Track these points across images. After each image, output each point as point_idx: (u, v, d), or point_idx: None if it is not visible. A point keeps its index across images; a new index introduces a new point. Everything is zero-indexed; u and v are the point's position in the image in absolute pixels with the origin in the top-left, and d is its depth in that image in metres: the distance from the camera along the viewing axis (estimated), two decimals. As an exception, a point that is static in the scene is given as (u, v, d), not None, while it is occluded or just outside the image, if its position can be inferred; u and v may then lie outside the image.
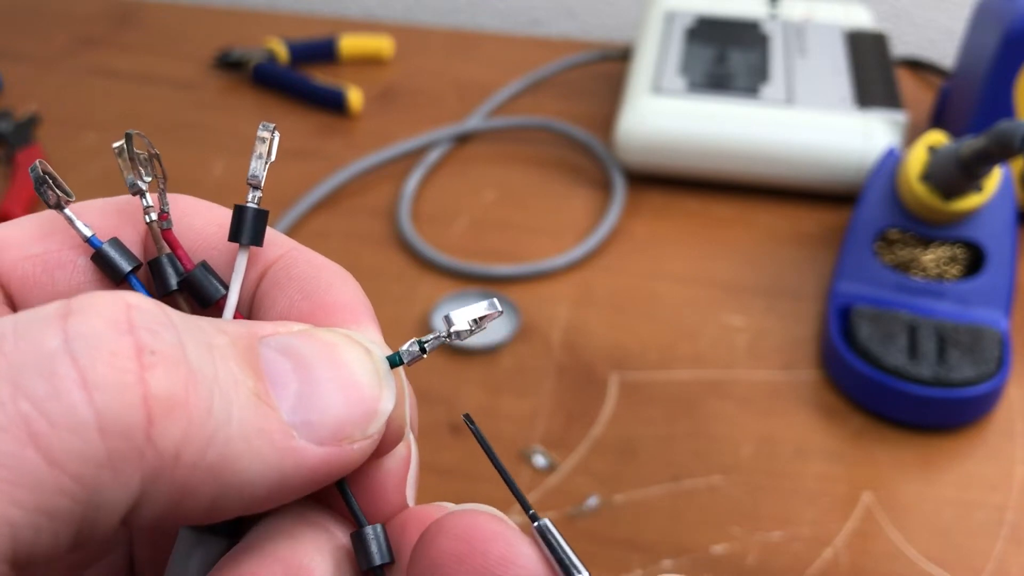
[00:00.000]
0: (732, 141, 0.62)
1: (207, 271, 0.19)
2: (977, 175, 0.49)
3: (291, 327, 0.18)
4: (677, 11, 0.74)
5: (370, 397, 0.17)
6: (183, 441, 0.15)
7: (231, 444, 0.15)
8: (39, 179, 0.18)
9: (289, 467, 0.16)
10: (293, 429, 0.16)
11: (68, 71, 0.78)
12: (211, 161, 0.67)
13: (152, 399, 0.14)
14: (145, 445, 0.14)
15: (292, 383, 0.17)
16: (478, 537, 0.17)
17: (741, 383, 0.51)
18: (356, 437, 0.17)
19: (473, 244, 0.60)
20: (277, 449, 0.16)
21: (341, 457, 0.17)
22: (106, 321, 0.15)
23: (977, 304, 0.51)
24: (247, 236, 0.19)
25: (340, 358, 0.17)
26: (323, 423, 0.17)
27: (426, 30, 0.86)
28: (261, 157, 0.19)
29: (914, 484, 0.46)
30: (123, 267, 0.19)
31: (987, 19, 0.59)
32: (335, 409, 0.17)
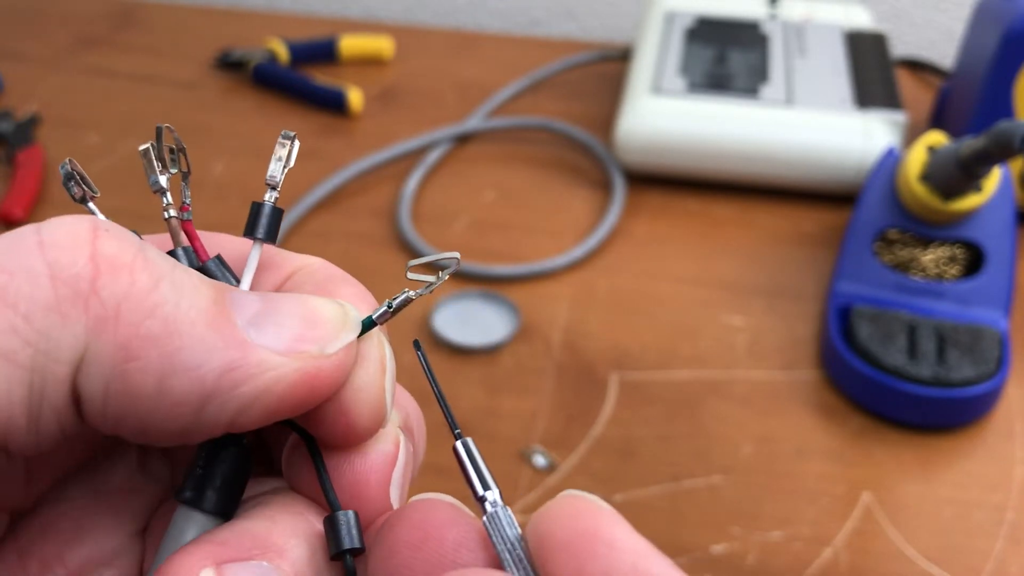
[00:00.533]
0: (732, 141, 0.62)
1: (221, 264, 0.20)
2: (976, 175, 0.49)
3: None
4: (677, 11, 0.74)
5: (329, 322, 0.18)
6: (124, 298, 0.16)
7: (175, 322, 0.16)
8: (68, 175, 0.20)
9: (237, 358, 0.17)
10: (245, 329, 0.17)
11: (69, 71, 0.78)
12: (211, 161, 0.67)
13: (99, 257, 0.16)
14: (89, 294, 0.16)
15: (254, 304, 0.18)
16: (434, 524, 0.18)
17: (741, 383, 0.51)
18: (312, 352, 0.17)
19: (473, 244, 0.60)
20: (224, 337, 0.17)
21: (295, 368, 0.17)
22: (74, 218, 0.17)
23: (976, 304, 0.51)
24: (262, 231, 0.20)
25: (308, 301, 0.18)
26: (276, 333, 0.17)
27: (426, 30, 0.86)
28: (280, 160, 0.20)
29: (914, 484, 0.46)
30: None
31: (987, 19, 0.60)
32: (290, 324, 0.18)
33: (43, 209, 0.63)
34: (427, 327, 0.53)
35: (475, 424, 0.48)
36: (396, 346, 0.20)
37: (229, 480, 0.19)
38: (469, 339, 0.53)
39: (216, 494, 0.19)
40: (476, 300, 0.56)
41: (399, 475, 0.20)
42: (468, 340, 0.52)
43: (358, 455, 0.19)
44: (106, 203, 0.20)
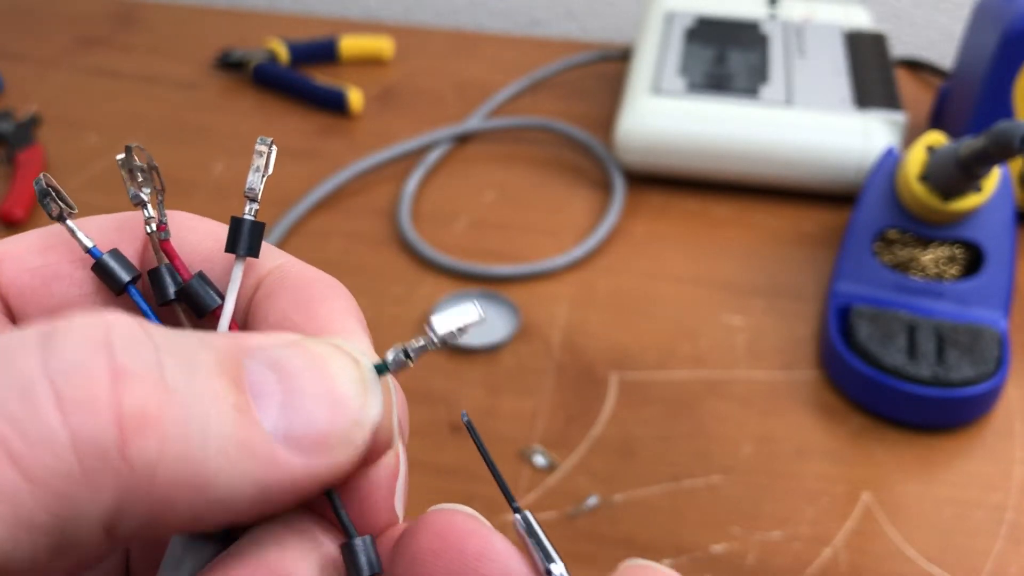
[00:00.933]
0: (732, 142, 0.62)
1: (204, 281, 0.20)
2: (976, 175, 0.49)
3: (280, 338, 0.18)
4: (677, 11, 0.74)
5: (355, 406, 0.17)
6: (158, 458, 0.15)
7: (209, 459, 0.15)
8: (43, 191, 0.19)
9: (271, 479, 0.16)
10: (275, 441, 0.16)
11: (69, 71, 0.78)
12: (211, 161, 0.67)
13: (125, 418, 0.15)
14: (119, 462, 0.15)
15: (276, 395, 0.17)
16: (455, 534, 0.18)
17: (741, 383, 0.51)
18: (341, 447, 0.17)
19: (473, 244, 0.60)
20: (258, 461, 0.16)
21: (326, 467, 0.17)
22: (84, 342, 0.15)
23: (976, 304, 0.51)
24: (243, 247, 0.19)
25: (325, 369, 0.17)
26: (306, 433, 0.17)
27: (426, 30, 0.86)
28: (259, 170, 0.20)
29: (913, 484, 0.46)
30: (123, 277, 0.19)
31: (986, 19, 0.60)
32: (318, 419, 0.17)
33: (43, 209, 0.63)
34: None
35: (475, 424, 0.48)
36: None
37: None
38: (469, 339, 0.53)
39: None
40: (473, 300, 0.56)
41: (401, 485, 0.20)
42: (468, 340, 0.52)
43: (363, 475, 0.19)
44: (106, 203, 0.20)
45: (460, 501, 0.21)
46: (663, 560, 0.42)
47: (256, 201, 0.20)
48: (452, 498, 0.44)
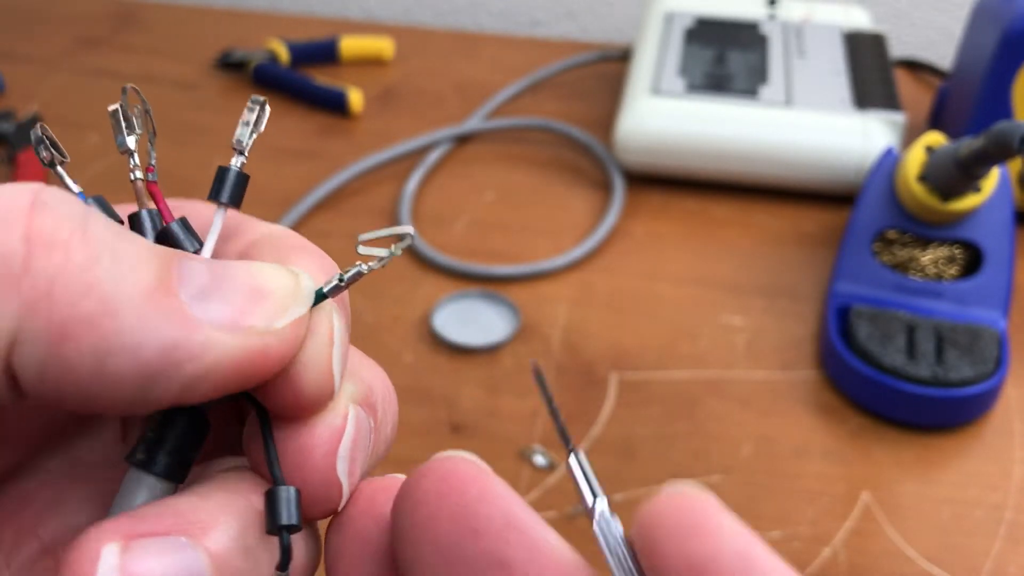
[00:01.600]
0: (731, 142, 0.62)
1: (185, 226, 0.20)
2: (975, 176, 0.49)
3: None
4: (676, 12, 0.74)
5: (279, 294, 0.17)
6: (57, 275, 0.15)
7: (113, 300, 0.16)
8: (38, 139, 0.19)
9: (180, 337, 0.16)
10: (189, 307, 0.16)
11: (69, 72, 0.78)
12: (211, 161, 0.67)
13: (34, 233, 0.15)
14: (22, 274, 0.15)
15: (201, 276, 0.17)
16: (457, 478, 0.18)
17: (740, 383, 0.51)
18: (258, 328, 0.17)
19: (473, 244, 0.60)
20: (166, 315, 0.16)
21: (236, 348, 0.17)
22: (16, 186, 0.16)
23: (975, 304, 0.51)
24: (226, 195, 0.20)
25: (259, 269, 0.18)
26: (222, 308, 0.17)
27: (426, 31, 0.86)
28: (248, 124, 0.20)
29: (913, 484, 0.46)
30: None
31: (985, 20, 0.60)
32: (238, 298, 0.17)
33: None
34: (427, 327, 0.54)
35: (475, 424, 0.48)
36: (398, 346, 0.20)
37: (181, 445, 0.19)
38: (469, 339, 0.53)
39: (167, 458, 0.18)
40: (476, 300, 0.56)
41: (347, 448, 0.19)
42: (468, 340, 0.52)
43: (304, 428, 0.19)
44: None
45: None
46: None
47: (243, 154, 0.20)
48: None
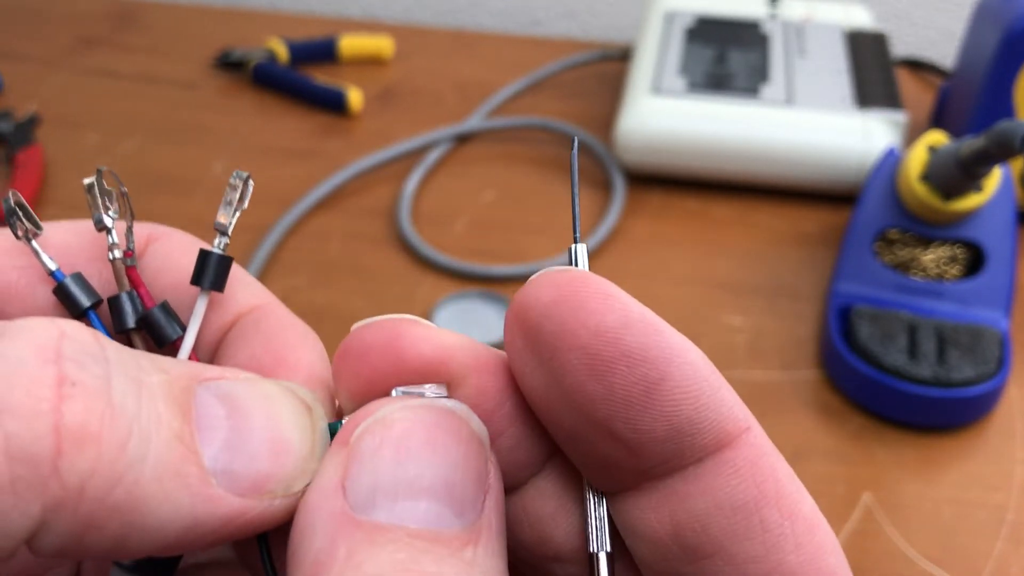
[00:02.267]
0: (732, 141, 0.62)
1: (166, 312, 0.20)
2: (977, 175, 0.49)
3: (236, 372, 0.18)
4: (677, 11, 0.74)
5: (298, 454, 0.17)
6: (90, 475, 0.14)
7: (142, 484, 0.15)
8: (9, 210, 0.19)
9: (203, 514, 0.16)
10: (212, 476, 0.16)
11: (69, 71, 0.78)
12: (211, 161, 0.67)
13: (63, 429, 0.14)
14: (50, 475, 0.14)
15: (222, 429, 0.16)
16: (577, 281, 0.18)
17: (741, 383, 0.51)
18: (278, 493, 0.17)
19: (473, 244, 0.60)
20: (192, 495, 0.16)
21: (260, 511, 0.17)
22: (34, 347, 0.15)
23: (977, 304, 0.51)
24: (208, 281, 0.19)
25: (275, 410, 0.17)
26: (245, 474, 0.16)
27: (426, 30, 0.86)
28: (231, 204, 0.20)
29: (914, 484, 0.46)
30: (82, 303, 0.19)
31: (987, 19, 0.59)
32: (259, 461, 0.17)
33: (44, 210, 0.63)
34: (427, 327, 0.53)
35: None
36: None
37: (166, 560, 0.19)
38: (469, 339, 0.52)
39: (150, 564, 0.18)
40: (476, 300, 0.56)
41: None
42: (468, 340, 0.52)
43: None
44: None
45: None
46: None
47: (226, 235, 0.20)
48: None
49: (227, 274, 0.20)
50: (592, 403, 0.17)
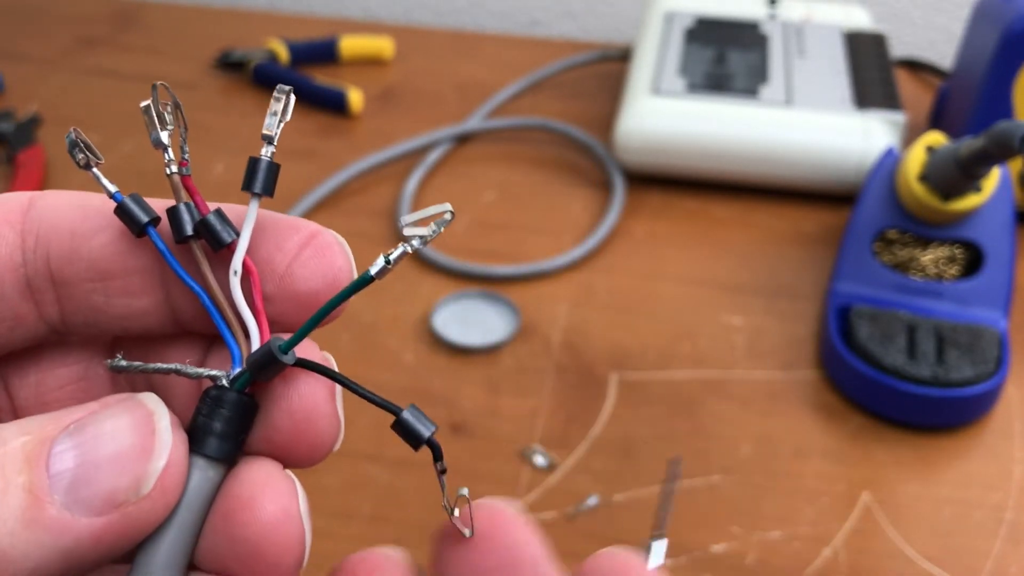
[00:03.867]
0: (731, 142, 0.62)
1: (221, 217, 0.20)
2: (976, 175, 0.49)
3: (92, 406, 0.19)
4: (676, 12, 0.74)
5: (137, 459, 0.18)
6: None
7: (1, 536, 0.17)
8: (72, 143, 0.20)
9: (68, 543, 0.17)
10: (67, 509, 0.17)
11: (69, 71, 0.78)
12: (212, 161, 0.67)
13: None
14: None
15: (71, 462, 0.18)
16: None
17: (740, 383, 0.51)
18: (131, 499, 0.18)
19: (473, 244, 0.60)
20: (50, 532, 0.17)
21: (123, 521, 0.18)
22: None
23: (976, 304, 0.51)
24: (259, 185, 0.20)
25: (116, 427, 0.18)
26: (95, 494, 0.18)
27: (426, 31, 0.86)
28: (276, 115, 0.20)
29: (913, 484, 0.46)
30: (142, 218, 0.20)
31: (986, 20, 0.60)
32: (104, 480, 0.18)
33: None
34: (427, 327, 0.53)
35: (475, 424, 0.48)
36: (398, 346, 0.20)
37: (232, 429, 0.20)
38: (469, 339, 0.53)
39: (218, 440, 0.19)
40: (476, 300, 0.56)
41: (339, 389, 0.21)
42: (468, 340, 0.52)
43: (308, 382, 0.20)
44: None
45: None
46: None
47: (272, 144, 0.20)
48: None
49: (275, 180, 0.21)
50: None
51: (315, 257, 0.21)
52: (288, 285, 0.20)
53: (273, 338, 0.19)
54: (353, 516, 0.44)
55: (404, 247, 0.20)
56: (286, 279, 0.20)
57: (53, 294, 0.20)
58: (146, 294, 0.20)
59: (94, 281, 0.20)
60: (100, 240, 0.20)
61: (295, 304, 0.20)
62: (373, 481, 0.45)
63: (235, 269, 0.20)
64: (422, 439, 0.19)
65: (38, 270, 0.20)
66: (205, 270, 0.20)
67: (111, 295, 0.20)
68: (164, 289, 0.20)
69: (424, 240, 0.20)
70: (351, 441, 0.49)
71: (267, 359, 0.19)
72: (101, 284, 0.20)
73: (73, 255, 0.20)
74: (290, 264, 0.20)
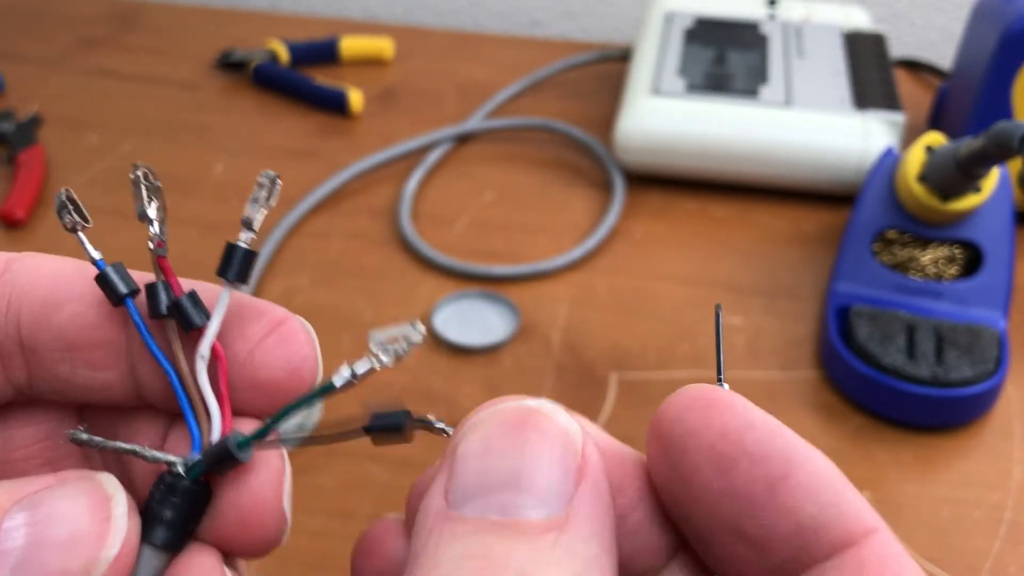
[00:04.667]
0: (731, 142, 0.62)
1: (194, 300, 0.20)
2: (975, 175, 0.49)
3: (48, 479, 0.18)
4: (676, 12, 0.74)
5: (89, 544, 0.18)
6: None
7: None
8: (61, 204, 0.20)
9: None
10: None
11: (70, 72, 0.78)
12: (212, 161, 0.67)
13: None
14: None
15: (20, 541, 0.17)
16: (709, 392, 0.20)
17: (740, 383, 0.51)
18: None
19: (473, 244, 0.60)
20: None
21: None
22: None
23: (975, 304, 0.51)
24: (234, 273, 0.20)
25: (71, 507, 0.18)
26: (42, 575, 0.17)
27: (426, 31, 0.86)
28: (257, 201, 0.20)
29: (912, 483, 0.46)
30: (121, 289, 0.20)
31: (985, 20, 0.60)
32: (53, 561, 0.17)
33: (45, 210, 0.63)
34: (427, 327, 0.54)
35: (475, 424, 0.48)
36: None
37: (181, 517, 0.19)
38: (469, 339, 0.53)
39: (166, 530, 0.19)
40: (476, 300, 0.56)
41: (287, 485, 0.20)
42: (468, 340, 0.53)
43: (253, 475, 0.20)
44: (106, 203, 0.21)
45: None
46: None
47: (252, 231, 0.20)
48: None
49: (251, 267, 0.21)
50: (718, 500, 0.18)
51: (279, 345, 0.20)
52: (249, 372, 0.20)
53: (233, 434, 0.19)
54: (353, 516, 0.44)
55: (372, 363, 0.19)
56: (247, 366, 0.20)
57: (22, 359, 0.20)
58: (110, 368, 0.20)
59: (60, 351, 0.20)
60: (69, 311, 0.20)
61: (257, 392, 0.20)
62: (373, 481, 0.45)
63: (202, 354, 0.20)
64: (402, 427, 0.20)
65: (8, 334, 0.20)
66: (176, 350, 0.20)
67: (76, 366, 0.20)
68: (129, 364, 0.20)
69: (394, 356, 0.19)
70: (351, 441, 0.49)
71: (224, 455, 0.19)
72: (67, 355, 0.20)
73: (42, 322, 0.20)
74: (252, 351, 0.20)
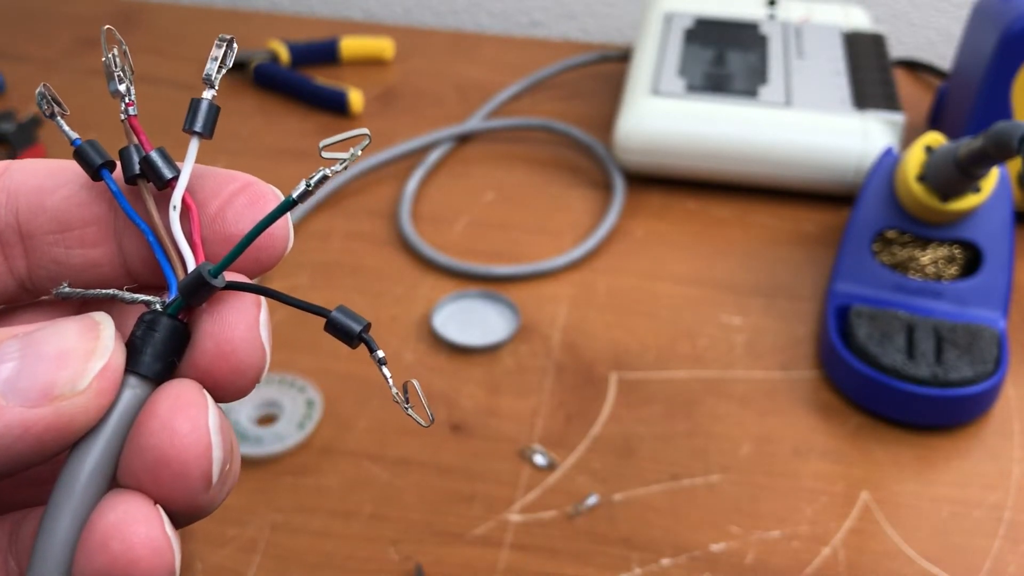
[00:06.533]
0: (731, 142, 0.62)
1: (163, 155, 0.22)
2: (975, 176, 0.49)
3: (44, 323, 0.20)
4: (676, 12, 0.74)
5: (77, 357, 0.19)
6: None
7: None
8: (41, 95, 0.22)
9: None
10: (2, 398, 0.18)
11: (70, 72, 0.78)
12: (212, 161, 0.67)
13: None
14: None
15: (13, 359, 0.19)
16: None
17: (739, 383, 0.51)
18: (66, 393, 0.18)
19: (473, 244, 0.60)
20: None
21: (55, 415, 0.18)
22: None
23: (975, 304, 0.51)
24: (200, 124, 0.23)
25: (62, 330, 0.19)
26: (32, 386, 0.18)
27: (426, 31, 0.86)
28: (216, 60, 0.22)
29: (912, 483, 0.46)
30: (96, 160, 0.22)
31: (985, 20, 0.60)
32: (43, 373, 0.18)
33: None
34: (427, 327, 0.54)
35: (475, 424, 0.48)
36: (398, 346, 0.20)
37: (164, 349, 0.20)
38: (469, 339, 0.53)
39: (153, 360, 0.20)
40: (476, 300, 0.56)
41: (265, 316, 0.21)
42: (468, 340, 0.53)
43: (229, 308, 0.21)
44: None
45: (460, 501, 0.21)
46: (662, 560, 0.42)
47: (213, 87, 0.22)
48: (453, 498, 0.44)
49: (215, 120, 0.23)
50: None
51: (248, 205, 0.22)
52: (220, 227, 0.22)
53: (203, 264, 0.20)
54: (353, 516, 0.44)
55: (324, 171, 0.21)
56: (218, 221, 0.22)
57: (21, 248, 0.22)
58: (100, 244, 0.22)
59: (55, 233, 0.21)
60: (62, 193, 0.22)
61: (229, 246, 0.21)
62: (373, 481, 0.45)
63: (174, 204, 0.21)
64: (354, 334, 0.20)
65: (8, 224, 0.21)
66: (150, 207, 0.21)
67: (70, 246, 0.21)
68: (117, 240, 0.22)
69: (344, 163, 0.21)
70: (351, 441, 0.49)
71: (198, 283, 0.20)
72: (61, 236, 0.21)
73: (38, 208, 0.22)
74: (223, 207, 0.22)
